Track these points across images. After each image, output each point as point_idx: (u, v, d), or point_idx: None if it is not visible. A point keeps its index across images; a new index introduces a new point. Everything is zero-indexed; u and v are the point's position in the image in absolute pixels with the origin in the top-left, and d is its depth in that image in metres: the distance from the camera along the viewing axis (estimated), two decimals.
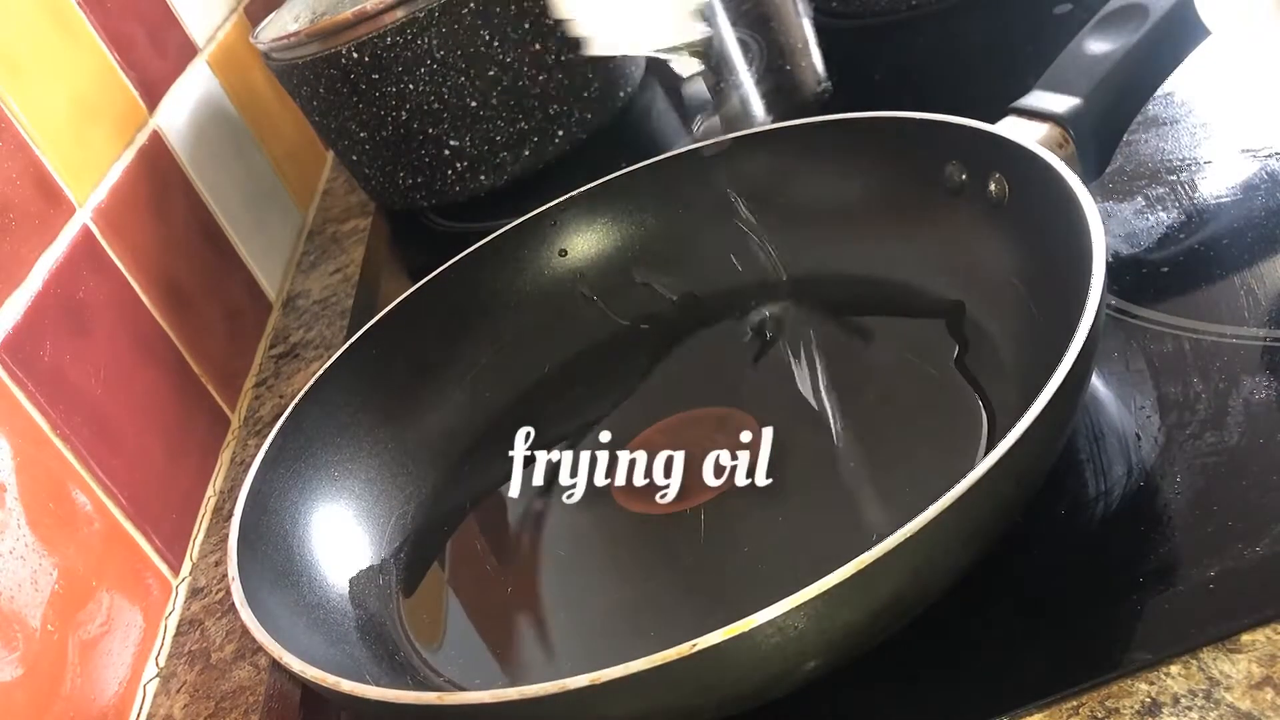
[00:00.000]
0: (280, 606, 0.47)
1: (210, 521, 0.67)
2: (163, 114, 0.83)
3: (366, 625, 0.50)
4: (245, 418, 0.76)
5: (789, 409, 0.53)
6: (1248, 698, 0.34)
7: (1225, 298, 0.49)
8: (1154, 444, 0.44)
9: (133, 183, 0.75)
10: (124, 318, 0.68)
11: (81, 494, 0.58)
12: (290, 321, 0.87)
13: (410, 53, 0.77)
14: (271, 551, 0.50)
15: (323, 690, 0.40)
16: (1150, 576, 0.39)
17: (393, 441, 0.59)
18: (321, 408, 0.57)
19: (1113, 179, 0.58)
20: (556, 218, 0.65)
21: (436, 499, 0.58)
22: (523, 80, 0.80)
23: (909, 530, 0.34)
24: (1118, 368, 0.48)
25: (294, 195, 1.01)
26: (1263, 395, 0.44)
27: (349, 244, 0.94)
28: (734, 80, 0.70)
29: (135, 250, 0.71)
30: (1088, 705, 0.36)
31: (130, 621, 0.58)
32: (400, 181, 0.85)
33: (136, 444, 0.64)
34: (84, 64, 0.75)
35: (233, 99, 0.95)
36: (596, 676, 0.35)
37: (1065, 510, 0.43)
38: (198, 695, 0.55)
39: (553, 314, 0.65)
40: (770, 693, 0.39)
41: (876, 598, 0.36)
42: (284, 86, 0.87)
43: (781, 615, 0.34)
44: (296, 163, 1.04)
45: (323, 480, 0.55)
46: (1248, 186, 0.55)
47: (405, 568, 0.54)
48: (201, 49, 0.94)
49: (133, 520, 0.61)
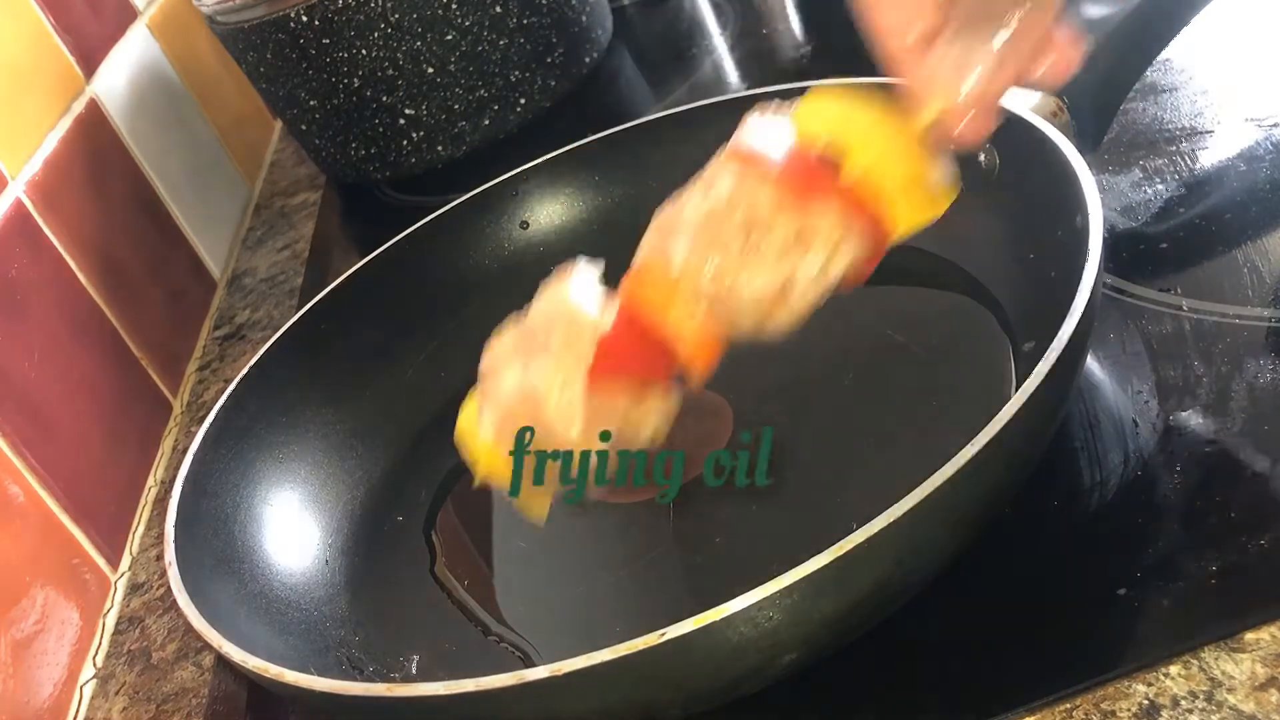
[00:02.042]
0: (221, 595, 0.46)
1: (151, 513, 0.66)
2: (100, 81, 0.81)
3: (312, 615, 0.49)
4: (188, 403, 0.75)
5: (769, 391, 0.52)
6: (1251, 699, 0.34)
7: (1228, 275, 0.48)
8: (1152, 431, 0.43)
9: (69, 154, 0.73)
10: (59, 298, 0.66)
11: (14, 484, 0.56)
12: (236, 301, 0.86)
13: (363, 16, 0.76)
14: (211, 537, 0.49)
15: (266, 682, 0.39)
16: (1148, 571, 0.38)
17: (341, 423, 0.57)
18: (265, 386, 0.56)
19: (1109, 149, 0.57)
20: (518, 188, 0.64)
21: (387, 484, 0.56)
22: (482, 45, 0.79)
23: (891, 515, 0.33)
24: (1114, 349, 0.47)
25: (240, 167, 1.00)
26: (1267, 379, 0.43)
27: (298, 219, 0.93)
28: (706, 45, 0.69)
29: (71, 226, 0.70)
30: (1082, 708, 0.35)
31: (66, 619, 0.56)
32: (352, 153, 0.85)
33: (73, 431, 0.62)
34: (16, 27, 0.73)
35: (175, 65, 0.94)
36: (557, 668, 0.34)
37: (1059, 501, 0.42)
38: (138, 697, 0.54)
39: (513, 289, 0.62)
40: (745, 687, 0.37)
41: (856, 588, 0.35)
42: (229, 51, 0.85)
43: (754, 605, 0.33)
44: (242, 133, 1.02)
45: (266, 462, 0.54)
46: (1251, 157, 0.54)
47: (353, 555, 0.53)
48: (142, 11, 0.92)
49: (69, 512, 0.59)
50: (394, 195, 0.88)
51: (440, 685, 0.35)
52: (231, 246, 0.92)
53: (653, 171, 0.62)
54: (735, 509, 0.47)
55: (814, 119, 0.40)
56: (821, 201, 0.39)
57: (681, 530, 0.48)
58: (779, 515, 0.47)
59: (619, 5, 0.97)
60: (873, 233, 0.39)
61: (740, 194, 0.39)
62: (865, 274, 0.41)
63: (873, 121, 0.39)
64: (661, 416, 0.41)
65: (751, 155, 0.39)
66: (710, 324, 0.40)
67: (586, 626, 0.46)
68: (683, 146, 0.61)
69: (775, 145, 0.39)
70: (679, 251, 0.39)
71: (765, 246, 0.39)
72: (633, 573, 0.48)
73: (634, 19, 0.98)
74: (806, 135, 0.40)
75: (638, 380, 0.41)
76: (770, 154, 0.39)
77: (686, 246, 0.39)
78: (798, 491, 0.47)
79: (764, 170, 0.39)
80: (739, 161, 0.39)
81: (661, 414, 0.41)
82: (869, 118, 0.39)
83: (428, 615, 0.49)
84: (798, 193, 0.38)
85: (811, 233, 0.39)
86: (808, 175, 0.39)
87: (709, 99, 0.62)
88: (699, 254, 0.39)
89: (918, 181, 0.40)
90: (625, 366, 0.40)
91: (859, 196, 0.39)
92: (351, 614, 0.50)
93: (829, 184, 0.39)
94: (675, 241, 0.39)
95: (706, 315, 0.40)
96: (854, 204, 0.39)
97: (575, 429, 0.40)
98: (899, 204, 0.40)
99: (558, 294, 0.42)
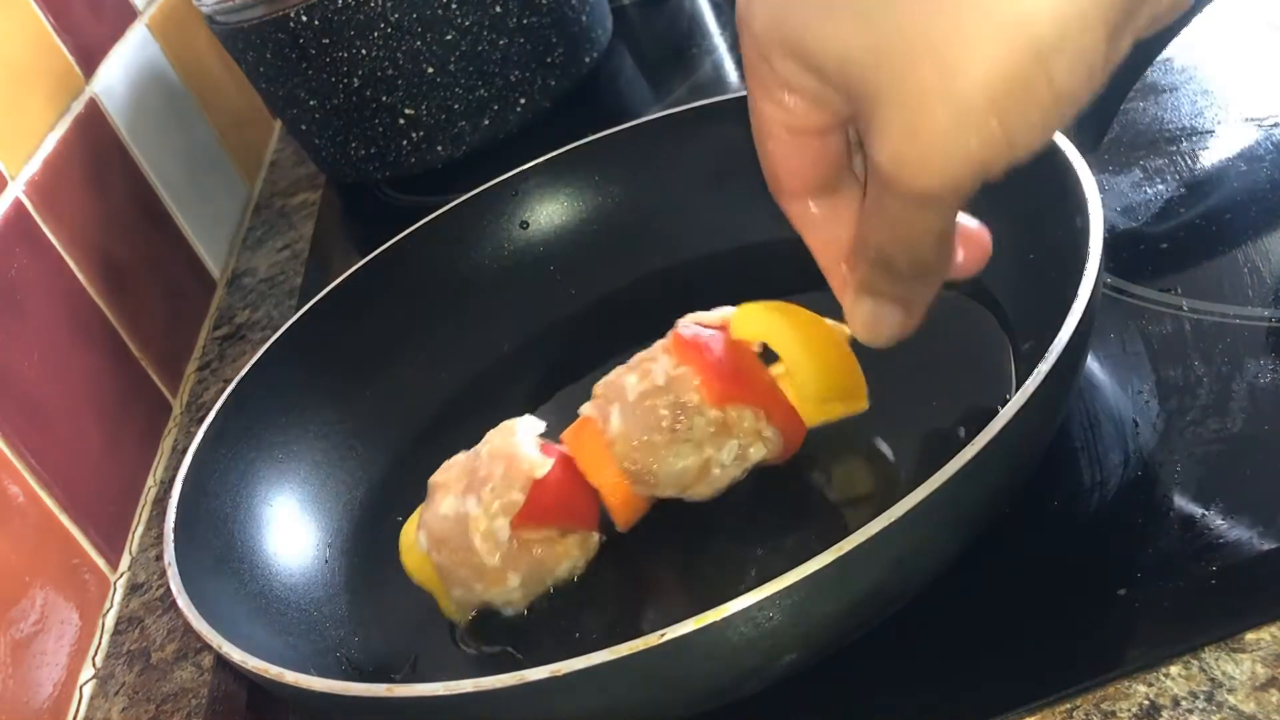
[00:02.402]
0: (220, 595, 0.46)
1: (150, 513, 0.66)
2: (100, 81, 0.81)
3: (312, 615, 0.49)
4: (187, 403, 0.75)
5: None
6: (1252, 700, 0.33)
7: (1228, 275, 0.48)
8: (1153, 431, 0.43)
9: (68, 154, 0.73)
10: (59, 298, 0.66)
11: (14, 485, 0.56)
12: (235, 301, 0.85)
13: (363, 15, 0.76)
14: (211, 537, 0.49)
15: (266, 682, 0.39)
16: (1149, 571, 0.38)
17: (340, 423, 0.57)
18: (265, 386, 0.56)
19: (1108, 149, 0.57)
20: (518, 187, 0.64)
21: (387, 484, 0.56)
22: (482, 45, 0.79)
23: (890, 517, 0.33)
24: (1114, 349, 0.47)
25: (239, 167, 1.00)
26: (1268, 379, 0.43)
27: (298, 219, 0.93)
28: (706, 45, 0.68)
29: (71, 226, 0.70)
30: (1082, 708, 0.35)
31: (65, 619, 0.56)
32: (352, 152, 0.84)
33: (72, 431, 0.62)
34: (16, 27, 0.73)
35: (175, 65, 0.94)
36: (558, 668, 0.33)
37: (1059, 501, 0.42)
38: (137, 698, 0.54)
39: (513, 290, 0.63)
40: (745, 688, 0.37)
41: (857, 588, 0.35)
42: (229, 51, 0.85)
43: (754, 605, 0.33)
44: (242, 133, 1.02)
45: (266, 462, 0.54)
46: (1251, 157, 0.54)
47: (352, 555, 0.53)
48: (141, 12, 0.92)
49: (68, 512, 0.59)
50: (394, 195, 0.87)
51: (440, 685, 0.35)
52: (231, 246, 0.92)
53: (653, 171, 0.63)
54: (734, 509, 0.47)
55: (747, 323, 0.46)
56: (744, 400, 0.44)
57: (681, 530, 0.47)
58: (779, 515, 0.46)
59: (619, 5, 0.97)
60: (790, 426, 0.45)
61: (673, 383, 0.45)
62: (785, 456, 0.46)
63: (799, 329, 0.45)
64: (581, 557, 0.46)
65: (686, 350, 0.45)
66: (635, 486, 0.45)
67: (594, 625, 0.45)
68: (683, 146, 0.62)
69: (709, 343, 0.45)
70: (614, 422, 0.45)
71: (690, 431, 0.44)
72: (631, 571, 0.47)
73: (634, 19, 0.98)
74: (738, 337, 0.46)
75: (563, 523, 0.46)
76: (704, 351, 0.45)
77: (620, 419, 0.45)
78: (798, 491, 0.47)
79: (698, 364, 0.45)
80: (676, 353, 0.45)
81: (581, 555, 0.46)
82: (796, 326, 0.45)
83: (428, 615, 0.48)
84: (723, 390, 0.44)
85: (734, 423, 0.45)
86: (734, 376, 0.45)
87: (709, 99, 0.62)
88: (631, 427, 0.45)
89: (837, 386, 0.46)
90: (553, 510, 0.45)
91: (779, 398, 0.45)
92: (351, 614, 0.49)
93: (752, 385, 0.45)
94: (612, 410, 0.45)
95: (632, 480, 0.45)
96: (775, 404, 0.45)
97: (496, 558, 0.44)
98: (817, 405, 0.46)
99: (506, 436, 0.47)
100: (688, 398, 0.44)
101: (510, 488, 0.44)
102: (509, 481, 0.45)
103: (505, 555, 0.44)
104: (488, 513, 0.44)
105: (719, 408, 0.44)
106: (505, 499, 0.44)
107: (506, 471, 0.45)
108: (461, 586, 0.45)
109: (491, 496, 0.44)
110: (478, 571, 0.45)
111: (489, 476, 0.45)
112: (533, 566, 0.45)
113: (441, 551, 0.45)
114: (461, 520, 0.45)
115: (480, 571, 0.45)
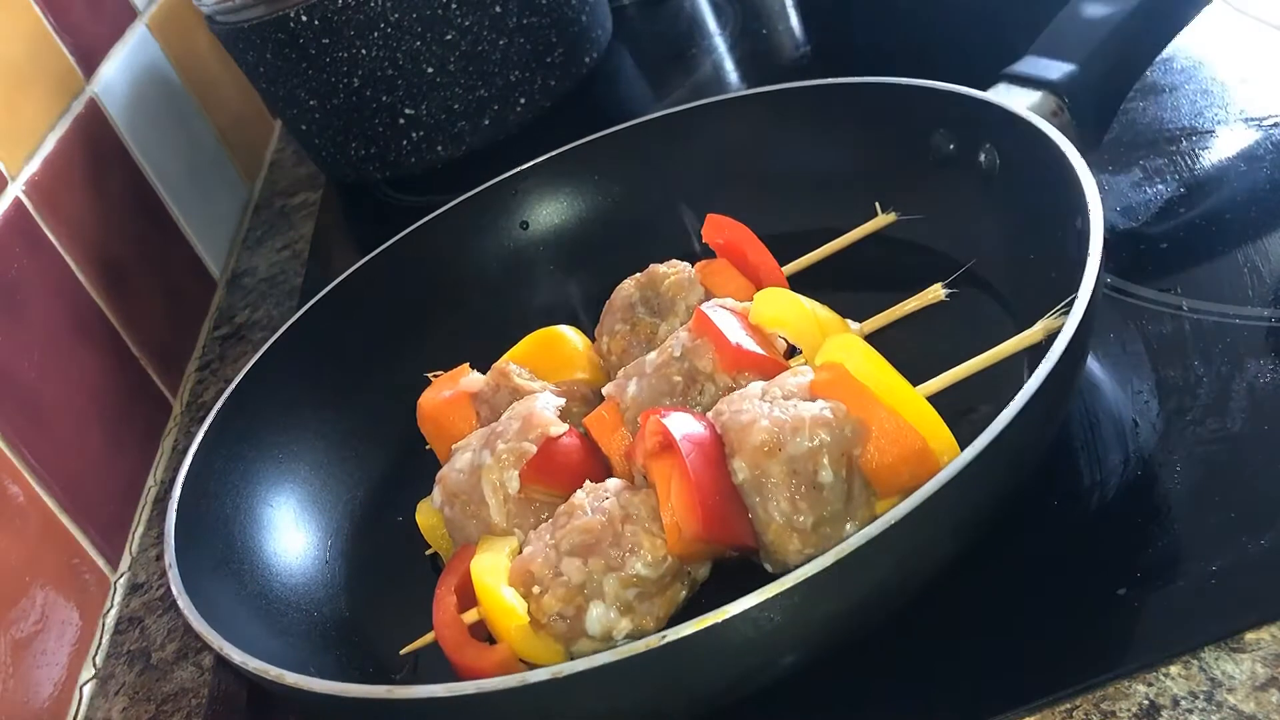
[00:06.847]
0: (220, 595, 0.46)
1: (150, 513, 0.66)
2: (100, 81, 0.81)
3: (312, 616, 0.49)
4: (188, 403, 0.75)
5: None
6: (1251, 700, 0.34)
7: (1228, 275, 0.48)
8: (1153, 430, 0.43)
9: (68, 154, 0.73)
10: (59, 297, 0.66)
11: (14, 485, 0.56)
12: (236, 301, 0.85)
13: (363, 15, 0.76)
14: (211, 537, 0.49)
15: (266, 683, 0.39)
16: (1148, 571, 0.38)
17: (341, 423, 0.57)
18: (265, 386, 0.56)
19: (1108, 149, 0.57)
20: (517, 187, 0.64)
21: (387, 484, 0.56)
22: (482, 45, 0.79)
23: (891, 517, 0.33)
24: (1114, 349, 0.47)
25: (239, 167, 0.99)
26: (1267, 379, 0.43)
27: (298, 219, 0.93)
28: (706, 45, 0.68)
29: (71, 225, 0.69)
30: (1081, 708, 0.35)
31: (66, 619, 0.56)
32: (352, 152, 0.84)
33: (72, 431, 0.62)
34: (16, 27, 0.73)
35: (175, 65, 0.94)
36: (559, 670, 0.34)
37: (1059, 501, 0.42)
38: (137, 697, 0.54)
39: (513, 289, 0.63)
40: (746, 688, 0.37)
41: (857, 590, 0.35)
42: (229, 52, 0.85)
43: (755, 606, 0.33)
44: (242, 133, 1.02)
45: (266, 463, 0.54)
46: (1251, 157, 0.54)
47: (353, 555, 0.53)
48: (142, 12, 0.92)
49: (68, 512, 0.59)
50: (394, 195, 0.87)
51: (440, 686, 0.35)
52: (231, 246, 0.92)
53: (652, 171, 0.63)
54: None
55: (766, 307, 0.49)
56: (754, 369, 0.47)
57: None
58: None
59: (619, 5, 0.97)
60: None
61: (688, 353, 0.47)
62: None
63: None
64: None
65: (704, 322, 0.48)
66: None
67: None
68: (683, 146, 0.62)
69: (726, 318, 0.48)
70: (630, 390, 0.48)
71: (701, 397, 0.47)
72: None
73: (634, 19, 0.98)
74: (756, 321, 0.49)
75: (568, 480, 0.46)
76: (720, 323, 0.47)
77: (636, 388, 0.48)
78: None
79: (713, 334, 0.47)
80: (694, 328, 0.48)
81: None
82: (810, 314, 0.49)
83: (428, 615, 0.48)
84: (736, 355, 0.47)
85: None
86: (746, 347, 0.47)
87: (709, 99, 0.62)
88: (646, 394, 0.48)
89: None
90: (562, 469, 0.46)
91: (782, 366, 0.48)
92: (351, 614, 0.50)
93: (763, 359, 0.47)
94: (630, 383, 0.48)
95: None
96: (773, 367, 0.47)
97: (503, 513, 0.46)
98: None
99: (525, 402, 0.49)
100: (702, 364, 0.47)
101: (523, 439, 0.46)
102: (523, 434, 0.46)
103: (512, 511, 0.45)
104: (500, 463, 0.46)
105: (730, 374, 0.46)
106: (517, 448, 0.46)
107: (522, 427, 0.46)
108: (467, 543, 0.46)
109: (505, 448, 0.46)
110: (484, 527, 0.46)
111: (505, 432, 0.47)
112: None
113: (454, 505, 0.47)
114: (475, 472, 0.46)
115: (487, 528, 0.46)
